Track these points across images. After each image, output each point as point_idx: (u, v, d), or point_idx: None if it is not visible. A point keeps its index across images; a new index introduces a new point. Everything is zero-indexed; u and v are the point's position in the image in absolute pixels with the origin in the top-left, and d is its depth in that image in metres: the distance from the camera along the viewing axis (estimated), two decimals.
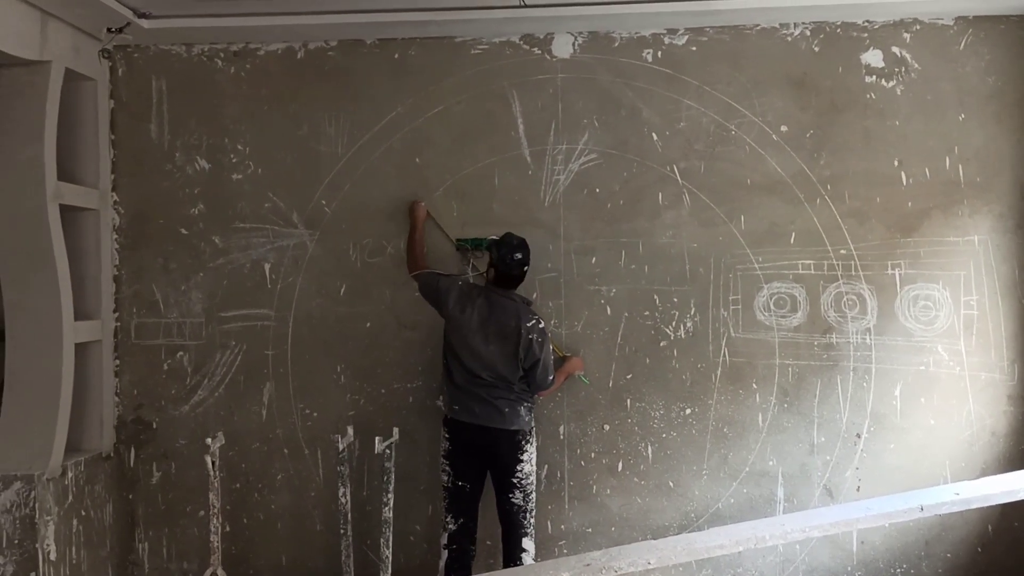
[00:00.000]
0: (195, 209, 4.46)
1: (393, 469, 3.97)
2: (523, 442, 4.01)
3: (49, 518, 3.86)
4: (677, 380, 4.35)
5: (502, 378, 3.96)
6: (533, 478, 4.06)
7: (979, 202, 4.24)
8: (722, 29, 4.32)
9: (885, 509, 3.12)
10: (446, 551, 4.03)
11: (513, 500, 4.01)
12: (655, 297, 4.35)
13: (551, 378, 4.05)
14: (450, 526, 4.04)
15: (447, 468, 4.06)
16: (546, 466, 4.33)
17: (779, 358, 4.32)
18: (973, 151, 4.25)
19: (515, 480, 4.00)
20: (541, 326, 4.00)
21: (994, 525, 4.26)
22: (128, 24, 4.14)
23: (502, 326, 3.96)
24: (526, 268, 4.07)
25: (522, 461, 4.00)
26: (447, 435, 4.06)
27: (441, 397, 4.17)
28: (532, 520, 4.07)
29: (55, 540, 3.89)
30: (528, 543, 4.02)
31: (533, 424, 4.09)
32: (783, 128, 4.31)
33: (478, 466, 4.05)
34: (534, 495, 4.07)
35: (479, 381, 3.96)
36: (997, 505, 4.05)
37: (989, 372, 4.24)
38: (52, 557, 3.87)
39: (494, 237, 4.20)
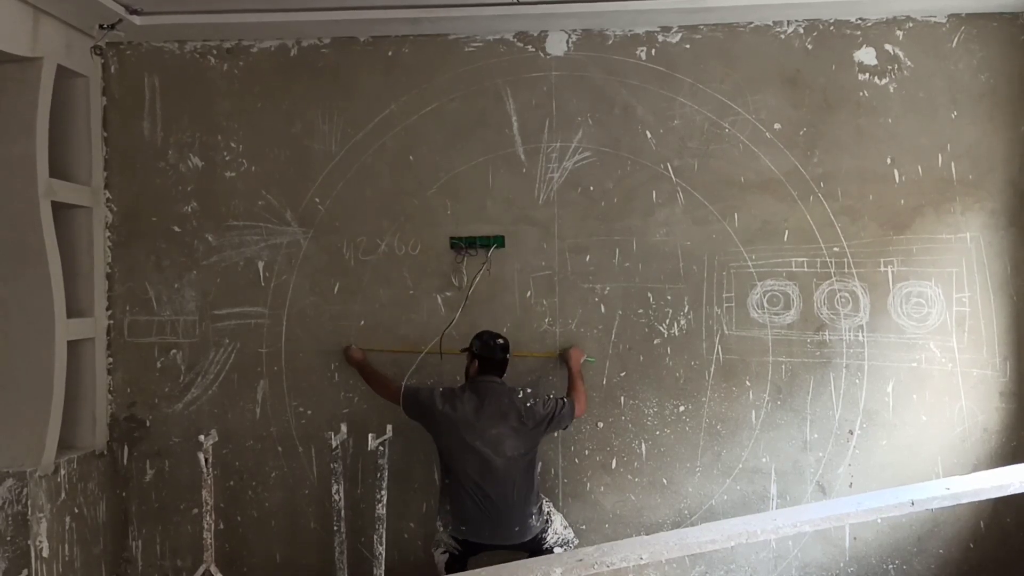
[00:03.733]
0: (188, 207, 4.45)
1: (387, 466, 3.97)
2: (542, 532, 3.99)
3: (42, 515, 3.86)
4: (671, 377, 4.35)
5: (513, 461, 3.89)
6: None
7: (971, 199, 4.26)
8: (715, 27, 4.32)
9: (876, 504, 3.11)
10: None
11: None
12: (649, 295, 4.36)
13: (573, 398, 4.06)
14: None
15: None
16: (540, 464, 4.32)
17: (772, 355, 4.32)
18: (965, 148, 4.26)
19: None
20: (530, 391, 4.02)
21: (986, 521, 4.27)
22: (120, 21, 4.13)
23: (498, 406, 3.94)
24: (508, 355, 4.09)
25: (546, 542, 4.00)
26: (455, 546, 3.98)
27: (439, 519, 4.04)
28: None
29: (48, 537, 3.88)
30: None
31: (547, 510, 4.06)
32: (776, 126, 4.32)
33: None
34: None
35: (488, 490, 3.87)
36: (989, 501, 4.08)
37: (981, 369, 4.26)
38: (45, 554, 3.86)
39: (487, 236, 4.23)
